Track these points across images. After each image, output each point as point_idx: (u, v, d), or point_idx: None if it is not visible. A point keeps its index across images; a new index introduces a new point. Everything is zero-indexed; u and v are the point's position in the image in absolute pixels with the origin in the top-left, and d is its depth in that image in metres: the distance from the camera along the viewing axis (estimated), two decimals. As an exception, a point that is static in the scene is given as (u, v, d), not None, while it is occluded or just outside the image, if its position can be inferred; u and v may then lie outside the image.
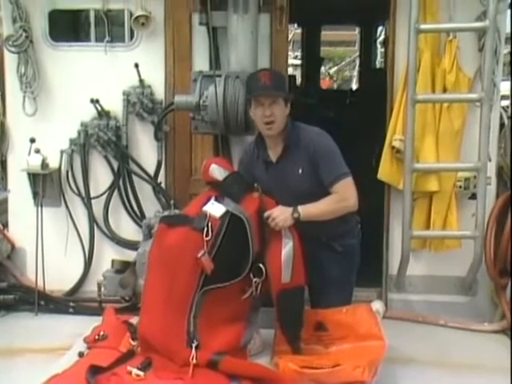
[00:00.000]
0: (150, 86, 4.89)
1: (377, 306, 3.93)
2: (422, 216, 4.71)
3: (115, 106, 4.92)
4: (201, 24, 4.64)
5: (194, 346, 3.43)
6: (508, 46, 8.04)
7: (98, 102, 4.86)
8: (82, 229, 5.05)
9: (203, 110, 4.35)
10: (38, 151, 4.84)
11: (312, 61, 10.65)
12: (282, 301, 3.52)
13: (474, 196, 4.55)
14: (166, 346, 3.45)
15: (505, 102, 5.75)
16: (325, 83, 18.47)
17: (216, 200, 3.63)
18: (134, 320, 3.83)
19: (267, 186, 3.69)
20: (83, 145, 4.95)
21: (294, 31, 13.68)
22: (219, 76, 4.30)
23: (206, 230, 3.49)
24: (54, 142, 4.97)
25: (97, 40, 5.01)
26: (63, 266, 4.97)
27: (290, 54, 11.76)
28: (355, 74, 17.79)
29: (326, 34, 12.45)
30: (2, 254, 5.06)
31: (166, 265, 3.55)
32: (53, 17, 4.97)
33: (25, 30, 4.80)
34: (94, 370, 3.31)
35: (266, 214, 3.55)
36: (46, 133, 4.95)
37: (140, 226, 4.74)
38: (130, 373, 3.34)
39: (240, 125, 4.28)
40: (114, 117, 4.93)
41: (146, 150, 5.00)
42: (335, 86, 20.32)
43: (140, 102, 4.85)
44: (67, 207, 5.06)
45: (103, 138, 4.89)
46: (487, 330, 4.56)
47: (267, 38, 4.74)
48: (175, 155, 4.99)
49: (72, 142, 4.98)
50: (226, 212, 3.54)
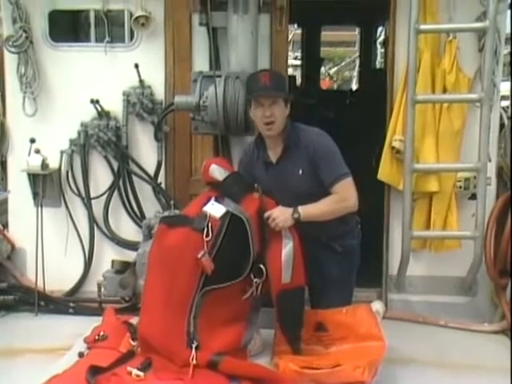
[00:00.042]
0: (150, 87, 4.89)
1: (377, 306, 3.93)
2: (422, 216, 4.71)
3: (115, 106, 4.92)
4: (201, 24, 4.64)
5: (194, 346, 3.43)
6: (508, 47, 8.04)
7: (98, 102, 4.86)
8: (82, 229, 5.05)
9: (203, 110, 4.35)
10: (38, 151, 4.84)
11: (312, 61, 10.65)
12: (282, 301, 3.52)
13: (474, 196, 4.55)
14: (166, 347, 3.45)
15: (505, 103, 5.75)
16: (325, 84, 18.49)
17: (216, 200, 3.62)
18: (134, 320, 3.83)
19: (267, 186, 3.68)
20: (83, 145, 4.95)
21: (294, 31, 13.68)
22: (219, 76, 4.31)
23: (206, 230, 3.49)
24: (54, 143, 4.97)
25: (97, 40, 5.01)
26: (63, 267, 4.97)
27: (289, 54, 11.74)
28: (355, 74, 17.80)
29: (326, 35, 12.45)
30: (2, 254, 5.06)
31: (166, 265, 3.55)
32: (53, 17, 4.97)
33: (25, 31, 4.80)
34: (94, 371, 3.31)
35: (266, 214, 3.55)
36: (46, 133, 4.96)
37: (140, 227, 4.75)
38: (130, 373, 3.34)
39: (240, 125, 4.28)
40: (114, 117, 4.93)
41: (146, 151, 5.00)
42: (335, 87, 20.35)
43: (140, 103, 4.85)
44: (67, 207, 5.06)
45: (103, 138, 4.89)
46: (487, 330, 4.56)
47: (267, 38, 4.74)
48: (175, 155, 4.99)
49: (72, 142, 4.98)
50: (226, 212, 3.54)
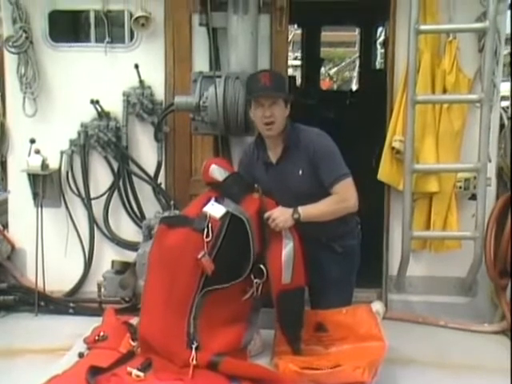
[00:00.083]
0: (150, 87, 4.89)
1: (377, 306, 3.93)
2: (422, 217, 4.71)
3: (115, 106, 4.92)
4: (201, 25, 4.64)
5: (193, 347, 3.43)
6: (508, 47, 8.03)
7: (98, 102, 4.86)
8: (82, 229, 5.05)
9: (203, 110, 4.35)
10: (38, 152, 4.84)
11: (312, 61, 10.65)
12: (282, 301, 3.52)
13: (473, 197, 4.55)
14: (166, 347, 3.45)
15: (505, 103, 5.75)
16: (325, 84, 18.51)
17: (216, 201, 3.62)
18: (134, 321, 3.83)
19: (267, 186, 3.68)
20: (83, 145, 4.95)
21: (294, 32, 13.69)
22: (219, 77, 4.31)
23: (206, 230, 3.49)
24: (54, 143, 4.97)
25: (97, 41, 5.01)
26: (63, 267, 4.97)
27: (289, 54, 11.74)
28: (355, 74, 17.80)
29: (326, 35, 12.45)
30: (2, 254, 5.06)
31: (166, 266, 3.55)
32: (53, 17, 4.96)
33: (25, 31, 4.80)
34: (94, 371, 3.31)
35: (266, 214, 3.55)
36: (46, 133, 4.95)
37: (140, 227, 4.75)
38: (130, 373, 3.34)
39: (240, 125, 4.29)
40: (114, 117, 4.93)
41: (146, 151, 4.99)
42: (335, 87, 20.37)
43: (140, 103, 4.85)
44: (67, 208, 5.06)
45: (103, 138, 4.89)
46: (487, 330, 4.56)
47: (267, 38, 4.74)
48: (175, 156, 4.98)
49: (72, 142, 4.98)
50: (226, 213, 3.54)
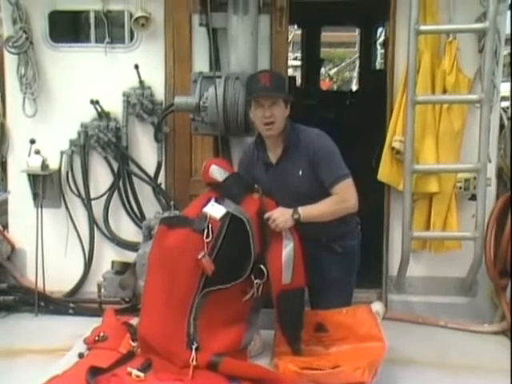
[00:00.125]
0: (150, 87, 4.89)
1: (377, 307, 3.92)
2: (422, 217, 4.71)
3: (115, 107, 4.92)
4: (201, 25, 4.64)
5: (194, 347, 3.43)
6: (508, 47, 8.02)
7: (98, 103, 4.86)
8: (82, 230, 5.05)
9: (203, 111, 4.35)
10: (38, 152, 4.84)
11: (312, 62, 10.66)
12: (282, 302, 3.52)
13: (473, 197, 4.55)
14: (166, 348, 3.45)
15: (505, 103, 5.75)
16: (325, 84, 18.52)
17: (216, 201, 3.62)
18: (134, 321, 3.83)
19: (267, 187, 3.68)
20: (83, 146, 4.94)
21: (294, 32, 13.69)
22: (219, 77, 4.31)
23: (206, 231, 3.49)
24: (54, 143, 4.97)
25: (97, 41, 5.01)
26: (63, 267, 4.97)
27: (289, 55, 11.73)
28: (355, 75, 17.81)
29: (326, 35, 12.45)
30: (2, 255, 5.06)
31: (166, 266, 3.55)
32: (53, 18, 4.96)
33: (25, 31, 4.80)
34: (94, 371, 3.31)
35: (266, 215, 3.55)
36: (46, 134, 4.95)
37: (140, 227, 4.75)
38: (130, 374, 3.34)
39: (240, 126, 4.29)
40: (114, 118, 4.93)
41: (146, 151, 4.99)
42: (335, 87, 20.38)
43: (140, 103, 4.85)
44: (67, 208, 5.06)
45: (103, 139, 4.89)
46: (487, 331, 4.56)
47: (267, 39, 4.74)
48: (175, 156, 4.98)
49: (72, 143, 4.98)
50: (227, 213, 3.54)
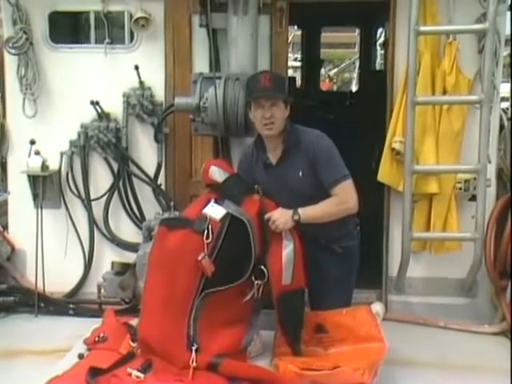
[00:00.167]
0: (150, 88, 4.89)
1: (377, 307, 3.92)
2: (422, 218, 4.71)
3: (115, 107, 4.92)
4: (201, 26, 4.64)
5: (193, 349, 3.43)
6: (508, 48, 8.01)
7: (98, 103, 4.86)
8: (82, 231, 5.05)
9: (203, 111, 4.36)
10: (37, 153, 4.85)
11: (312, 63, 10.65)
12: (282, 302, 3.52)
13: (473, 198, 4.55)
14: (166, 349, 3.45)
15: (504, 104, 5.76)
16: (325, 85, 18.54)
17: (216, 202, 3.62)
18: (134, 322, 3.83)
19: (267, 188, 3.68)
20: (83, 147, 4.95)
21: (294, 33, 13.69)
22: (219, 78, 4.31)
23: (206, 232, 3.49)
24: (54, 144, 4.97)
25: (97, 42, 5.02)
26: (63, 268, 4.97)
27: (289, 55, 11.74)
28: (355, 75, 17.82)
29: (326, 36, 12.44)
30: (1, 255, 5.06)
31: (166, 267, 3.55)
32: (53, 19, 4.97)
33: (25, 32, 4.80)
34: (94, 372, 3.31)
35: (266, 216, 3.54)
36: (46, 134, 4.95)
37: (140, 228, 4.76)
38: (130, 374, 3.34)
39: (240, 126, 4.29)
40: (113, 119, 4.93)
41: (146, 152, 4.99)
42: (335, 88, 20.40)
43: (140, 104, 4.85)
44: (67, 209, 5.06)
45: (103, 139, 4.89)
46: (487, 331, 4.56)
47: (267, 39, 4.74)
48: (175, 157, 4.98)
49: (72, 143, 4.98)
50: (227, 214, 3.54)
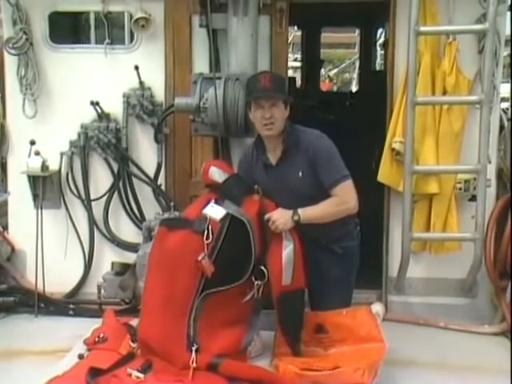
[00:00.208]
0: (150, 88, 4.89)
1: (377, 308, 3.92)
2: (422, 218, 4.70)
3: (115, 108, 4.92)
4: (201, 26, 4.65)
5: (193, 349, 3.43)
6: (508, 48, 8.03)
7: (98, 104, 4.86)
8: (82, 231, 5.05)
9: (203, 112, 4.36)
10: (37, 153, 4.85)
11: (312, 63, 10.65)
12: (282, 303, 3.52)
13: (473, 198, 4.55)
14: (166, 350, 3.45)
15: (504, 104, 5.76)
16: (325, 85, 18.53)
17: (216, 203, 3.62)
18: (134, 322, 3.83)
19: (267, 188, 3.68)
20: (83, 147, 4.95)
21: (294, 33, 13.69)
22: (219, 78, 4.31)
23: (206, 232, 3.49)
24: (54, 144, 4.97)
25: (97, 42, 5.02)
26: (63, 268, 4.97)
27: (289, 56, 11.73)
28: (355, 76, 17.81)
29: (326, 36, 12.46)
30: (1, 256, 5.06)
31: (166, 267, 3.55)
32: (53, 19, 4.97)
33: (25, 33, 4.80)
34: (94, 372, 3.31)
35: (266, 216, 3.54)
36: (46, 135, 4.96)
37: (140, 228, 4.76)
38: (130, 375, 3.34)
39: (240, 127, 4.29)
40: (114, 119, 4.93)
41: (146, 152, 4.99)
42: (335, 88, 20.39)
43: (140, 104, 4.85)
44: (67, 209, 5.06)
45: (103, 140, 4.89)
46: (487, 332, 4.55)
47: (267, 40, 4.75)
48: (175, 157, 4.98)
49: (72, 144, 4.98)
50: (227, 215, 3.54)
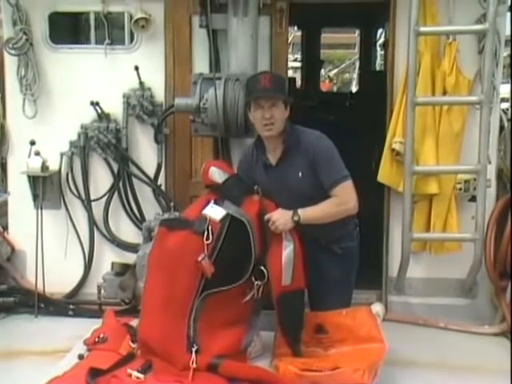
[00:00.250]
0: (150, 89, 4.89)
1: (377, 308, 3.92)
2: (422, 218, 4.71)
3: (115, 108, 4.92)
4: (201, 26, 4.65)
5: (193, 350, 3.43)
6: (508, 49, 8.03)
7: (98, 104, 4.86)
8: (82, 231, 5.05)
9: (203, 112, 4.36)
10: (38, 154, 4.85)
11: (312, 63, 10.65)
12: (282, 303, 3.52)
13: (473, 198, 4.55)
14: (166, 350, 3.45)
15: (504, 105, 5.75)
16: (325, 86, 18.53)
17: (216, 203, 3.62)
18: (134, 322, 3.83)
19: (267, 188, 3.68)
20: (83, 147, 4.95)
21: (294, 34, 13.69)
22: (219, 78, 4.31)
23: (206, 233, 3.49)
24: (54, 145, 4.97)
25: (97, 43, 5.02)
26: (63, 269, 4.97)
27: (289, 56, 11.73)
28: (355, 76, 17.81)
29: (326, 37, 12.45)
30: (1, 256, 5.06)
31: (166, 268, 3.55)
32: (53, 19, 4.97)
33: (25, 33, 4.80)
34: (94, 373, 3.31)
35: (266, 217, 3.54)
36: (46, 135, 4.96)
37: (140, 229, 4.76)
38: (130, 375, 3.34)
39: (240, 127, 4.29)
40: (114, 119, 4.94)
41: (146, 153, 5.00)
42: (335, 89, 20.39)
43: (140, 105, 4.85)
44: (67, 210, 5.06)
45: (103, 140, 4.89)
46: (487, 332, 4.55)
47: (267, 40, 4.75)
48: (175, 157, 4.99)
49: (72, 144, 4.98)
50: (226, 215, 3.54)
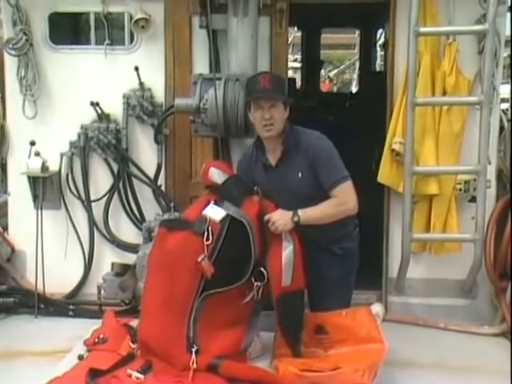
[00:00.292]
0: (150, 89, 4.89)
1: (377, 308, 3.92)
2: (422, 219, 4.71)
3: (115, 108, 4.92)
4: (201, 27, 4.65)
5: (193, 350, 3.43)
6: (508, 49, 8.03)
7: (98, 104, 4.86)
8: (82, 232, 5.05)
9: (203, 112, 4.36)
10: (37, 154, 4.84)
11: (312, 64, 10.66)
12: (282, 304, 3.52)
13: (473, 199, 4.55)
14: (166, 351, 3.45)
15: (504, 105, 5.75)
16: (325, 86, 18.51)
17: (215, 204, 3.62)
18: (134, 323, 3.83)
19: (267, 189, 3.68)
20: (83, 148, 4.95)
21: (294, 34, 13.69)
22: (219, 79, 4.31)
23: (206, 234, 3.49)
24: (54, 145, 4.97)
25: (97, 43, 5.02)
26: (63, 269, 4.97)
27: (289, 56, 11.73)
28: (355, 76, 17.81)
29: (326, 37, 12.45)
30: (1, 256, 5.06)
31: (166, 269, 3.55)
32: (53, 20, 4.97)
33: (25, 33, 4.80)
34: (94, 373, 3.31)
35: (266, 217, 3.54)
36: (46, 136, 4.96)
37: (140, 229, 4.76)
38: (129, 376, 3.34)
39: (240, 128, 4.29)
40: (114, 120, 4.94)
41: (146, 153, 5.00)
42: (335, 89, 20.37)
43: (140, 105, 4.85)
44: (67, 210, 5.06)
45: (103, 140, 4.89)
46: (487, 333, 4.55)
47: (267, 40, 4.75)
48: (175, 158, 4.99)
49: (72, 144, 4.98)
50: (226, 216, 3.54)
